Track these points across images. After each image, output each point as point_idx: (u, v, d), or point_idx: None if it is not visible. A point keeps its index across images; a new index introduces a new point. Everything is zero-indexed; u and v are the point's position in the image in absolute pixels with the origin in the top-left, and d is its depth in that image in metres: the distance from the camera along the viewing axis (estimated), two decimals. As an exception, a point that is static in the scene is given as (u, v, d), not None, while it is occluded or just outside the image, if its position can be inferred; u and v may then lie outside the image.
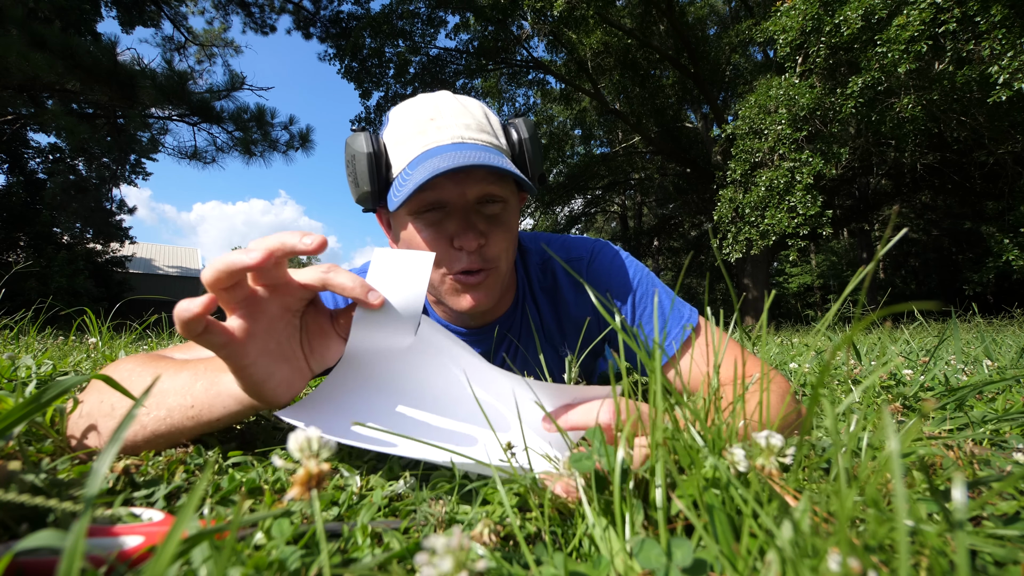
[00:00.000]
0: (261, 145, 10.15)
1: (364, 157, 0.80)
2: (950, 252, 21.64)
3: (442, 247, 0.78)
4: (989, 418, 0.77)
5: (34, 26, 7.29)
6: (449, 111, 0.80)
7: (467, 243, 0.76)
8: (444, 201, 0.78)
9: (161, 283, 25.72)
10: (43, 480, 0.41)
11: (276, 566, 0.32)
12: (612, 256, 0.97)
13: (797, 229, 8.69)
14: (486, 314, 0.96)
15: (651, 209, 24.11)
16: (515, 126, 0.86)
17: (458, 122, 0.79)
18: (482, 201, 0.79)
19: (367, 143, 0.81)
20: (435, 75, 15.10)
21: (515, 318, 1.00)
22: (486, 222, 0.80)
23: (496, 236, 0.80)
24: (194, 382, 0.60)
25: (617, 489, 0.34)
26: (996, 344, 2.10)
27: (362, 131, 0.83)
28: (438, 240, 0.78)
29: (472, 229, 0.77)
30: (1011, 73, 6.86)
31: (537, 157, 0.84)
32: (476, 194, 0.78)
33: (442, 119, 0.79)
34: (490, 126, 0.82)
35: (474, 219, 0.78)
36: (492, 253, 0.80)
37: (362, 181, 0.81)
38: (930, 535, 0.29)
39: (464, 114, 0.80)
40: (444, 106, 0.81)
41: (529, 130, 0.85)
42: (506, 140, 0.85)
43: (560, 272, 0.98)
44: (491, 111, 0.87)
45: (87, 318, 1.69)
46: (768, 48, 13.64)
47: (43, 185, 13.18)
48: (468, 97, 0.87)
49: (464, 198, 0.77)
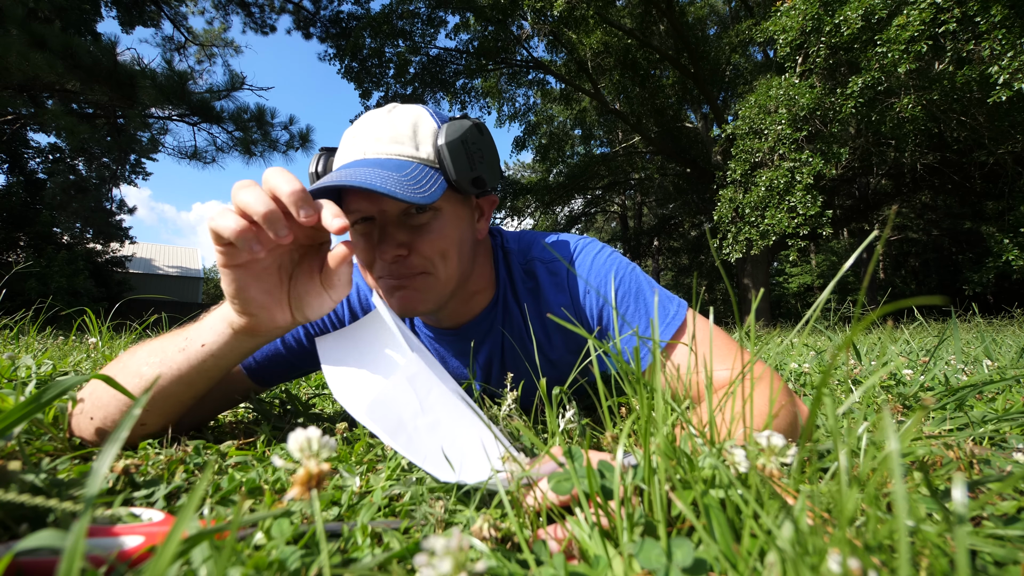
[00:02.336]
0: (261, 145, 10.15)
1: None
2: (950, 252, 21.64)
3: (369, 255, 0.83)
4: (989, 418, 0.77)
5: (34, 26, 7.29)
6: (369, 126, 0.83)
7: (382, 255, 0.80)
8: (368, 215, 0.81)
9: (161, 283, 25.72)
10: (43, 480, 0.41)
11: (276, 566, 0.32)
12: (595, 254, 0.96)
13: (797, 229, 8.69)
14: (455, 315, 0.97)
15: (651, 209, 24.11)
16: (443, 131, 0.83)
17: (369, 136, 0.81)
18: (409, 212, 0.81)
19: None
20: (435, 75, 15.11)
21: (492, 319, 1.00)
22: (410, 232, 0.81)
23: (421, 245, 0.81)
24: (181, 331, 0.73)
25: (617, 492, 0.34)
26: (996, 344, 2.10)
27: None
28: (366, 248, 0.83)
29: (388, 241, 0.79)
30: (1011, 73, 6.86)
31: (460, 161, 0.82)
32: (393, 209, 0.80)
33: (359, 135, 0.83)
34: (411, 136, 0.81)
35: (392, 231, 0.80)
36: (418, 261, 0.82)
37: None
38: (930, 535, 0.29)
39: (382, 127, 0.82)
40: (369, 120, 0.84)
41: (450, 136, 0.82)
42: (432, 147, 0.83)
43: (541, 272, 0.98)
44: (430, 117, 0.85)
45: (87, 318, 1.69)
46: (768, 48, 13.64)
47: (43, 185, 13.18)
48: (411, 106, 0.86)
49: (383, 213, 0.81)
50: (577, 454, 0.41)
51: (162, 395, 0.70)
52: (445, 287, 0.86)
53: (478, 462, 0.54)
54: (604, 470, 0.38)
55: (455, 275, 0.86)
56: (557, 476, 0.39)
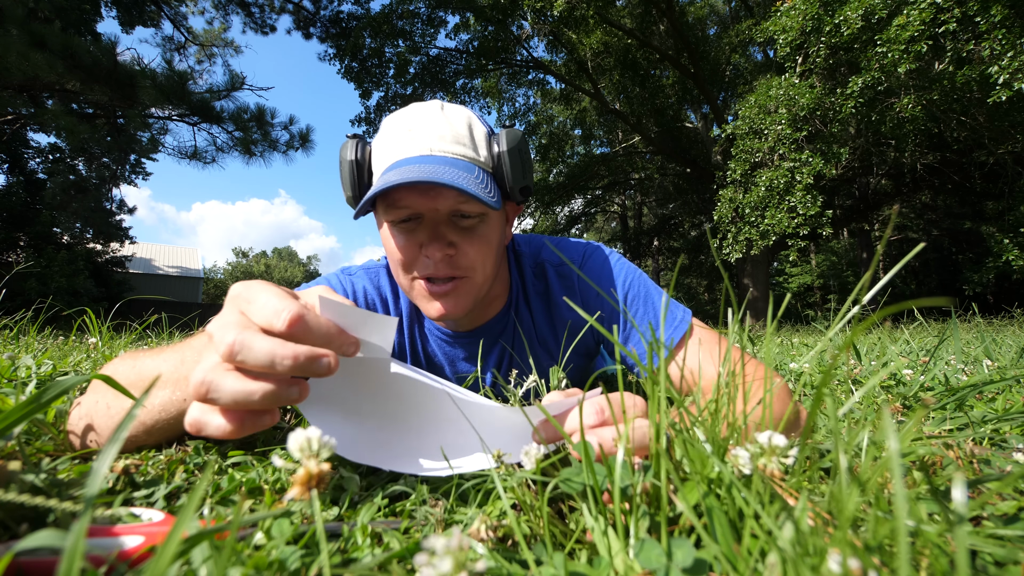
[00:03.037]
0: (261, 145, 10.15)
1: (347, 164, 0.85)
2: (950, 252, 21.64)
3: (412, 254, 0.81)
4: (989, 418, 0.77)
5: (34, 26, 7.29)
6: (427, 121, 0.81)
7: (432, 253, 0.78)
8: (418, 213, 0.79)
9: (161, 283, 25.73)
10: (43, 480, 0.41)
11: (276, 566, 0.32)
12: (604, 258, 0.97)
13: (797, 229, 8.69)
14: (473, 319, 0.97)
15: (651, 209, 24.11)
16: (497, 138, 0.86)
17: (432, 133, 0.80)
18: (456, 214, 0.80)
19: (351, 151, 0.86)
20: (435, 75, 15.11)
21: (506, 322, 1.01)
22: (458, 233, 0.81)
23: (468, 247, 0.81)
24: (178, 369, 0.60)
25: (617, 494, 0.34)
26: (996, 344, 2.10)
27: (354, 138, 0.88)
28: (409, 247, 0.81)
29: (439, 240, 0.78)
30: (1011, 73, 6.87)
31: (516, 169, 0.84)
32: (447, 208, 0.79)
33: (418, 129, 0.80)
34: (470, 138, 0.83)
35: (443, 230, 0.79)
36: (464, 262, 0.81)
37: (345, 187, 0.87)
38: (930, 535, 0.29)
39: (441, 125, 0.81)
40: (424, 116, 0.82)
41: (511, 142, 0.84)
42: (487, 152, 0.85)
43: (552, 275, 0.99)
44: (480, 121, 0.87)
45: (87, 318, 1.69)
46: (768, 48, 13.65)
47: (43, 185, 13.18)
48: (458, 107, 0.87)
49: (436, 212, 0.79)
50: (589, 449, 0.41)
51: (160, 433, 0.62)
52: (480, 291, 0.86)
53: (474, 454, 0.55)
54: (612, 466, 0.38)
55: (490, 279, 0.87)
56: (566, 473, 0.39)
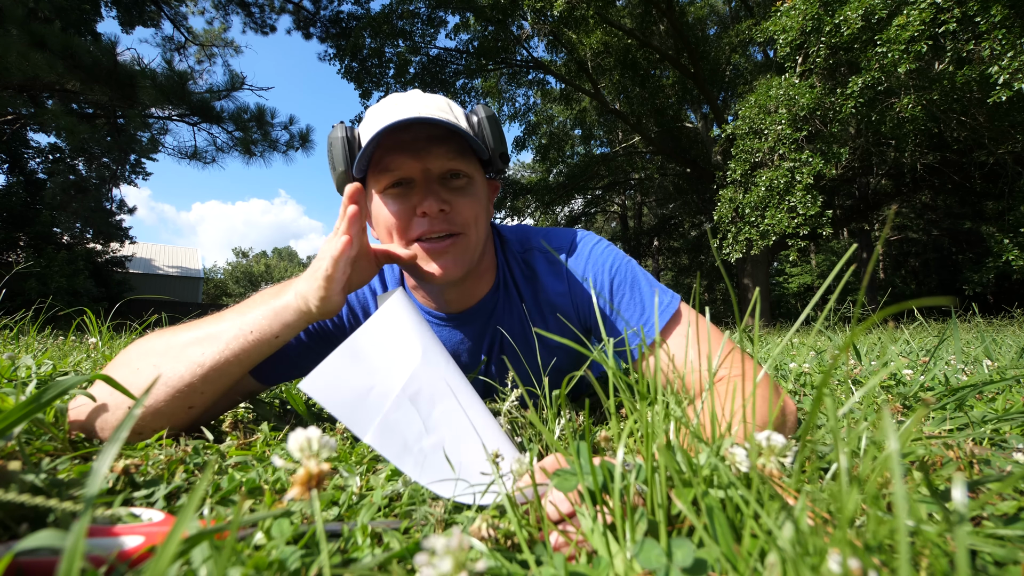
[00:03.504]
0: (261, 145, 10.14)
1: (339, 142, 0.89)
2: (950, 252, 21.63)
3: (406, 216, 0.84)
4: (989, 418, 0.77)
5: (34, 26, 7.29)
6: (411, 98, 0.88)
7: (429, 207, 0.81)
8: (409, 177, 0.83)
9: (161, 283, 25.71)
10: (43, 480, 0.41)
11: (276, 566, 0.32)
12: (592, 245, 0.99)
13: (797, 229, 8.69)
14: (463, 296, 0.98)
15: (651, 209, 24.11)
16: (474, 110, 0.94)
17: (417, 103, 0.85)
18: (445, 176, 0.85)
19: (342, 131, 0.90)
20: (435, 75, 15.10)
21: (495, 303, 1.01)
22: (450, 193, 0.85)
23: (461, 204, 0.85)
24: (245, 314, 0.77)
25: (617, 495, 0.34)
26: (996, 344, 2.10)
27: (341, 124, 0.92)
28: (403, 211, 0.84)
29: (433, 195, 0.82)
30: (1011, 73, 6.86)
31: (496, 135, 0.91)
32: (439, 168, 0.83)
33: (403, 103, 0.86)
34: (450, 111, 0.89)
35: (437, 188, 0.83)
36: (459, 219, 0.85)
37: (337, 163, 0.90)
38: (930, 535, 0.29)
39: (425, 100, 0.87)
40: (408, 95, 0.89)
41: (487, 112, 0.92)
42: (467, 124, 0.92)
43: (539, 261, 1.00)
44: (455, 104, 0.94)
45: (87, 318, 1.69)
46: (768, 48, 13.64)
47: (43, 185, 13.17)
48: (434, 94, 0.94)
49: (428, 173, 0.83)
50: (582, 452, 0.41)
51: (219, 375, 0.74)
52: (475, 252, 0.89)
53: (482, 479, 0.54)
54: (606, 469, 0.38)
55: (482, 242, 0.90)
56: (561, 473, 0.39)
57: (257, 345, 0.74)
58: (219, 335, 0.75)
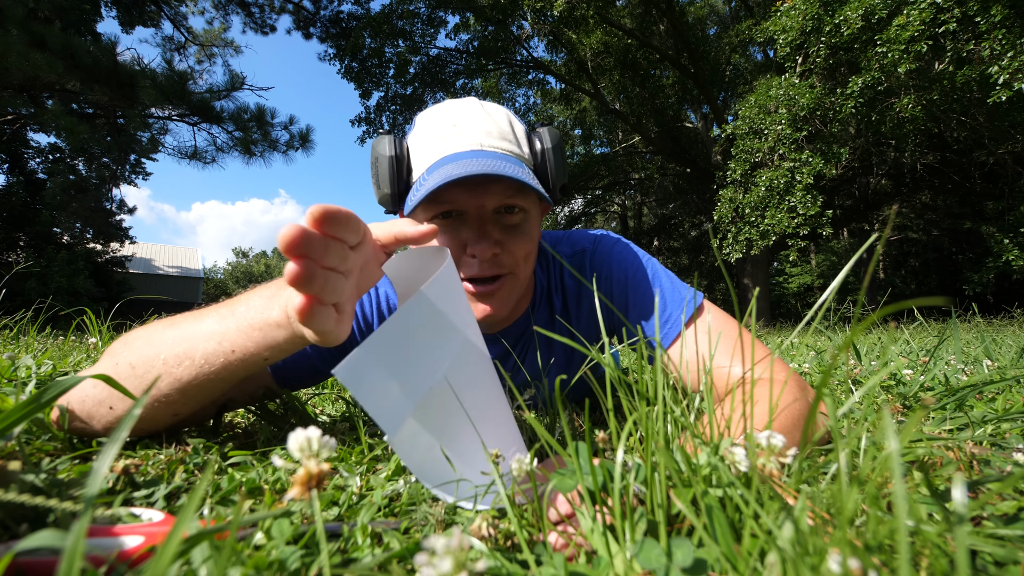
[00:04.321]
0: (261, 145, 10.14)
1: (386, 160, 0.81)
2: (950, 252, 21.63)
3: (455, 252, 0.78)
4: (989, 418, 0.77)
5: (34, 26, 7.29)
6: (472, 117, 0.80)
7: (480, 252, 0.76)
8: (461, 209, 0.78)
9: (161, 283, 25.71)
10: (43, 480, 0.41)
11: (276, 566, 0.32)
12: (612, 245, 0.97)
13: (797, 229, 8.69)
14: (499, 323, 0.95)
15: (651, 209, 24.10)
16: (539, 135, 0.86)
17: (479, 129, 0.78)
18: (500, 211, 0.79)
19: (390, 147, 0.82)
20: (435, 75, 15.10)
21: (527, 324, 1.00)
22: (503, 231, 0.79)
23: (513, 245, 0.79)
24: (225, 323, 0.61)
25: (617, 495, 0.34)
26: (996, 344, 2.10)
27: (387, 134, 0.84)
28: (452, 245, 0.78)
29: (487, 239, 0.76)
30: (1011, 73, 6.86)
31: (560, 168, 0.84)
32: (494, 204, 0.77)
33: (464, 125, 0.79)
34: (513, 135, 0.82)
35: (490, 228, 0.77)
36: (508, 261, 0.80)
37: (383, 183, 0.82)
38: (930, 535, 0.29)
39: (487, 121, 0.80)
40: (467, 112, 0.81)
41: (553, 140, 0.85)
42: (529, 149, 0.85)
43: (567, 268, 0.99)
44: (516, 119, 0.87)
45: (87, 318, 1.69)
46: (768, 48, 13.63)
47: (43, 185, 13.18)
48: (495, 104, 0.86)
49: (482, 208, 0.77)
50: (582, 452, 0.41)
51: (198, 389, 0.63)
52: (522, 288, 0.85)
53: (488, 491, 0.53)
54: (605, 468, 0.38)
55: (529, 277, 0.85)
56: (560, 473, 0.39)
57: (243, 365, 0.61)
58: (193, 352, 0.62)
